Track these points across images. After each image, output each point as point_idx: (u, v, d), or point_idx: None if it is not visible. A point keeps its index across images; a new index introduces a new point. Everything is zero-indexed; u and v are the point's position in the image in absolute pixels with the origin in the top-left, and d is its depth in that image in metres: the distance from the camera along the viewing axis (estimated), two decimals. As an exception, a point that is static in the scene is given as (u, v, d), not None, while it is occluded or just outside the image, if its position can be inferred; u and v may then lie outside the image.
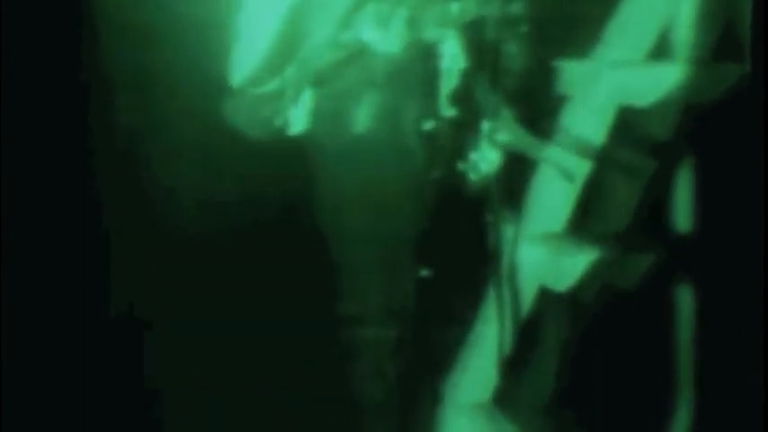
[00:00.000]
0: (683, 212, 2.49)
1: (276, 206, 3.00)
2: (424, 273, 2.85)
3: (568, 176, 2.48)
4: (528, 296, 2.54)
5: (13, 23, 2.77)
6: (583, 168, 2.49)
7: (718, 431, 2.44)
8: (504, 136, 2.63)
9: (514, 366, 2.56)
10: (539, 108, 2.68)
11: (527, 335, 2.57)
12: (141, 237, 3.06)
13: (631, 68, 2.42)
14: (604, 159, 2.47)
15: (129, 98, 3.01)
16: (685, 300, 2.49)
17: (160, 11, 2.84)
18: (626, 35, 2.44)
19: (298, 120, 2.71)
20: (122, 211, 3.04)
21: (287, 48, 2.67)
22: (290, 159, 2.81)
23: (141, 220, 3.05)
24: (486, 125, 2.64)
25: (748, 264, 2.32)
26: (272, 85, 2.68)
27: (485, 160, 2.64)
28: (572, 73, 2.51)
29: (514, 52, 2.73)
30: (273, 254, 3.01)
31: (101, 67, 2.96)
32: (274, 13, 2.67)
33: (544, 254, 2.51)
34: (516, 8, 2.72)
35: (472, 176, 2.67)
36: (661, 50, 2.41)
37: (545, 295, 2.53)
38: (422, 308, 2.86)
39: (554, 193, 2.52)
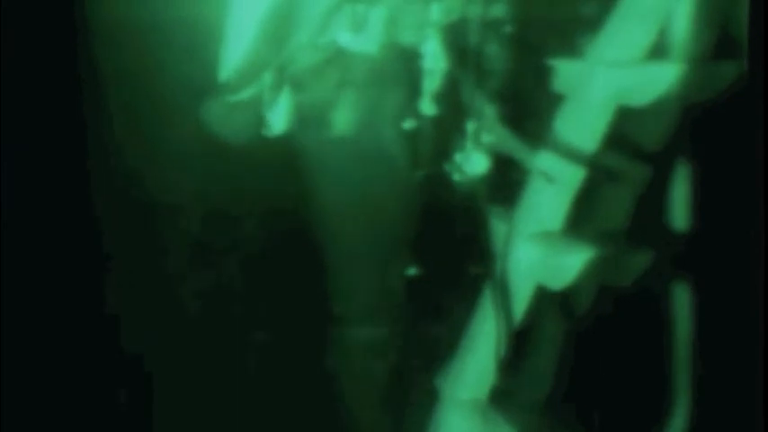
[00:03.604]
0: (680, 212, 2.49)
1: (268, 209, 2.98)
2: (415, 272, 2.85)
3: (549, 179, 2.48)
4: (524, 295, 2.53)
5: (8, 26, 2.72)
6: (578, 168, 2.48)
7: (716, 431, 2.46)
8: (489, 137, 2.62)
9: (511, 365, 2.56)
10: (529, 108, 2.68)
11: (523, 334, 2.56)
12: (136, 239, 3.03)
13: (628, 68, 2.40)
14: (601, 158, 2.46)
15: (124, 101, 2.97)
16: (683, 300, 2.50)
17: (159, 14, 2.80)
18: (623, 34, 2.42)
19: (276, 122, 2.69)
20: (116, 211, 3.01)
21: (266, 52, 2.66)
22: (280, 163, 2.79)
23: (135, 219, 3.02)
24: (470, 126, 2.63)
25: (747, 264, 2.33)
26: (249, 92, 2.66)
27: (470, 162, 2.63)
28: (568, 72, 2.49)
29: (498, 53, 2.72)
30: (267, 255, 3.00)
31: (96, 70, 2.91)
32: (252, 18, 2.64)
33: (540, 252, 2.49)
34: (499, 8, 2.70)
35: (457, 177, 2.67)
36: (658, 49, 2.41)
37: (541, 294, 2.53)
38: (414, 307, 2.86)
39: (550, 192, 2.51)
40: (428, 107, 2.76)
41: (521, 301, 2.54)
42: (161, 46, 2.81)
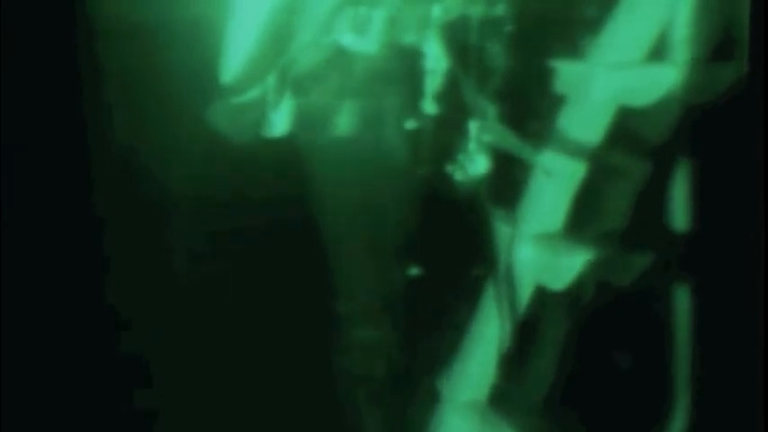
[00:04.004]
0: (680, 212, 2.49)
1: (272, 207, 2.98)
2: (416, 272, 2.85)
3: (551, 176, 2.48)
4: (525, 296, 2.53)
5: (9, 25, 2.73)
6: (579, 168, 2.48)
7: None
8: (490, 136, 2.62)
9: (511, 366, 2.56)
10: (530, 109, 2.68)
11: (524, 334, 2.56)
12: (138, 238, 3.04)
13: (629, 69, 2.40)
14: (601, 159, 2.46)
15: (125, 101, 2.97)
16: (683, 300, 2.50)
17: (158, 13, 2.80)
18: (624, 36, 2.42)
19: (278, 122, 2.70)
20: (119, 210, 3.02)
21: (269, 54, 2.66)
22: (284, 161, 2.79)
23: (137, 218, 3.03)
24: (472, 125, 2.63)
25: (747, 264, 2.33)
26: (254, 92, 2.66)
27: (471, 161, 2.63)
28: (569, 74, 2.49)
29: (500, 52, 2.72)
30: (268, 255, 3.00)
31: (97, 69, 2.92)
32: (255, 20, 2.65)
33: (541, 253, 2.49)
34: (500, 8, 2.70)
35: (459, 177, 2.67)
36: (659, 51, 2.41)
37: (542, 295, 2.53)
38: (415, 307, 2.86)
39: (551, 193, 2.51)
40: (430, 107, 2.76)
41: (521, 302, 2.54)
42: (163, 45, 2.82)
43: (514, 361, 2.56)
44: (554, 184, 2.50)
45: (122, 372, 2.98)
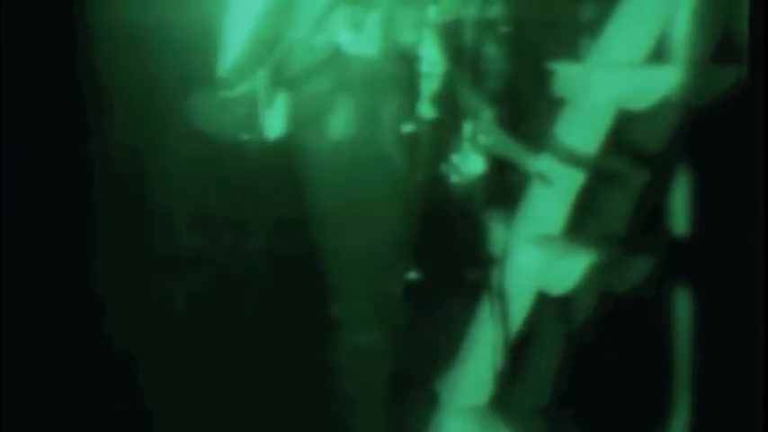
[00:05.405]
0: (680, 216, 2.49)
1: (267, 212, 2.97)
2: (414, 276, 2.84)
3: (547, 181, 2.47)
4: (524, 300, 2.52)
5: (8, 27, 2.72)
6: (578, 172, 2.47)
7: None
8: (485, 138, 2.61)
9: (511, 372, 2.55)
10: (528, 111, 2.67)
11: (524, 338, 2.56)
12: (136, 239, 3.02)
13: (628, 71, 2.39)
14: (601, 163, 2.46)
15: (125, 106, 2.96)
16: (683, 304, 2.50)
17: (158, 18, 2.78)
18: (624, 37, 2.41)
19: (273, 125, 2.68)
20: (118, 209, 3.00)
21: (260, 51, 2.65)
22: (281, 164, 2.78)
23: (137, 218, 3.01)
24: (467, 127, 2.62)
25: (747, 267, 2.33)
26: (242, 89, 2.65)
27: (467, 162, 2.63)
28: (567, 76, 2.48)
29: (496, 54, 2.71)
30: (265, 257, 2.99)
31: (97, 74, 2.90)
32: (249, 16, 2.64)
33: (541, 257, 2.48)
34: (496, 9, 2.69)
35: (454, 178, 2.66)
36: (659, 53, 2.40)
37: (542, 299, 2.52)
38: (413, 311, 2.85)
39: (549, 197, 2.50)
40: (427, 110, 2.75)
41: (520, 307, 2.53)
42: (161, 48, 2.80)
43: (513, 366, 2.55)
44: (553, 188, 2.49)
45: (119, 372, 2.97)
